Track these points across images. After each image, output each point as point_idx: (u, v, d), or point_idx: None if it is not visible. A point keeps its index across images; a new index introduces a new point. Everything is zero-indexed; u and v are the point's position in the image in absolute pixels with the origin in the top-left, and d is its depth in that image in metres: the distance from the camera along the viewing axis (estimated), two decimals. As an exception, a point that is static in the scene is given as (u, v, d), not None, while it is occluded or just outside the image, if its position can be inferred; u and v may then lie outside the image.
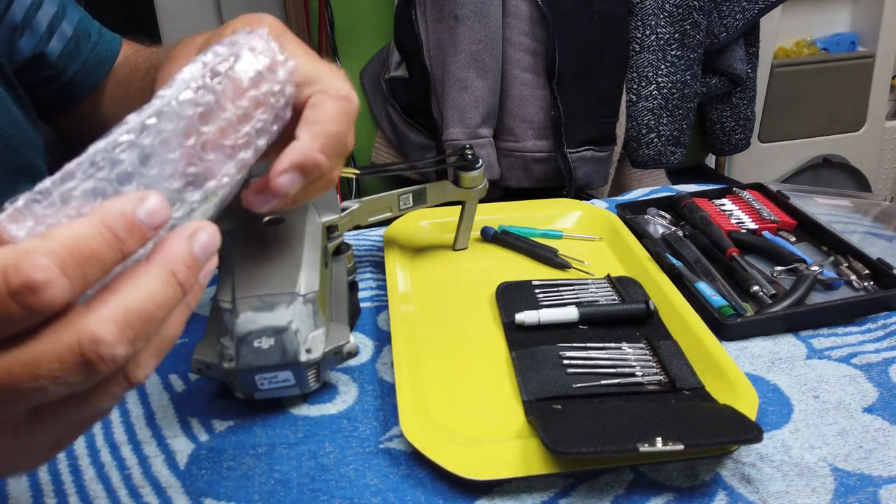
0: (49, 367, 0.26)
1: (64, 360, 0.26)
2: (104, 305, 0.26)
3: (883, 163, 2.00)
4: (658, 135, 1.27)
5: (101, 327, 0.26)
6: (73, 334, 0.26)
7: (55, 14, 0.67)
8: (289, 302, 0.48)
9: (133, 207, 0.27)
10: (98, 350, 0.26)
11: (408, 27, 1.14)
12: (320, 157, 0.41)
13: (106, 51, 0.72)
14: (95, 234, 0.26)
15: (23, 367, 0.26)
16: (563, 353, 0.55)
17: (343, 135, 0.42)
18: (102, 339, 0.26)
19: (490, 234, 0.74)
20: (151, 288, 0.27)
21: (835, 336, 0.59)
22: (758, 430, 0.43)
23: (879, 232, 0.76)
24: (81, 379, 0.26)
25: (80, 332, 0.26)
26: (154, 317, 0.27)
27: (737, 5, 1.29)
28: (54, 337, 0.26)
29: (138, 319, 0.27)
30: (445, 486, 0.45)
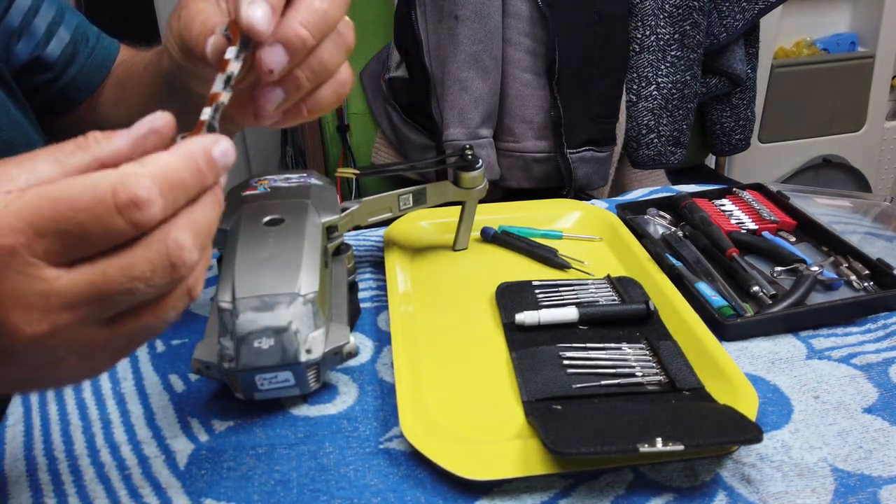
0: (142, 269, 0.29)
1: (154, 263, 0.29)
2: (180, 218, 0.30)
3: (883, 163, 2.00)
4: (658, 135, 1.27)
5: (182, 235, 0.30)
6: (161, 241, 0.29)
7: (53, 18, 0.68)
8: (289, 302, 0.48)
9: (211, 146, 0.31)
10: (182, 254, 0.30)
11: (408, 27, 1.14)
12: (301, 31, 0.38)
13: (104, 55, 0.72)
14: (183, 166, 0.30)
15: (119, 269, 0.29)
16: (563, 354, 0.55)
17: (330, 14, 0.39)
18: (184, 244, 0.30)
19: (490, 234, 0.74)
20: (207, 205, 0.31)
21: (835, 336, 0.59)
22: (758, 431, 0.43)
23: (879, 232, 0.76)
24: (166, 282, 0.30)
25: (166, 239, 0.29)
26: (212, 228, 0.32)
27: (737, 5, 1.29)
28: (146, 244, 0.29)
29: (204, 230, 0.31)
30: (445, 487, 0.45)
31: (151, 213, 0.28)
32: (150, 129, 0.31)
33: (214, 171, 0.31)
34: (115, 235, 0.29)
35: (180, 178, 0.30)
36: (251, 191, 0.58)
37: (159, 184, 0.29)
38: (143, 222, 0.28)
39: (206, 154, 0.31)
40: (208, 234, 0.32)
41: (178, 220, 0.30)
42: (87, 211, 0.28)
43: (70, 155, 0.31)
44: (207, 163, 0.31)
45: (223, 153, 0.32)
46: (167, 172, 0.29)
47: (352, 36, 0.42)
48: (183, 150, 0.30)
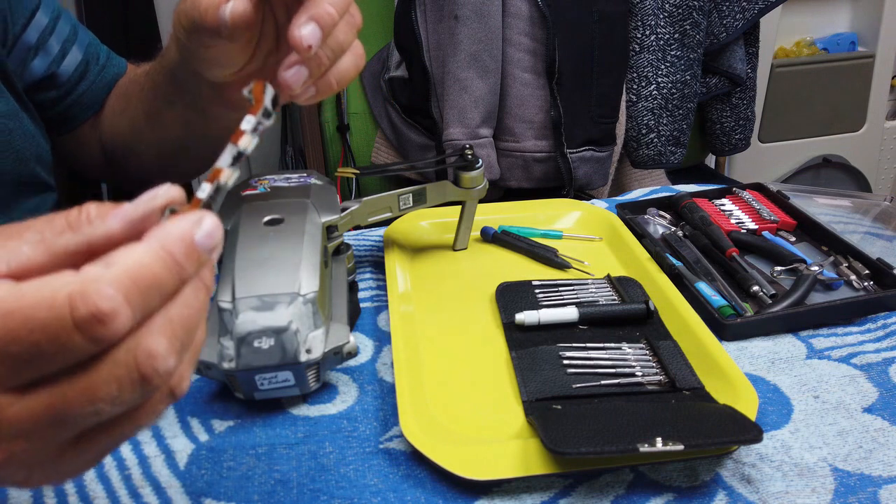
0: (107, 389, 0.25)
1: (122, 380, 0.25)
2: (152, 321, 0.26)
3: (883, 163, 2.00)
4: (658, 135, 1.27)
5: (155, 342, 0.26)
6: (129, 354, 0.25)
7: (67, 37, 0.69)
8: (289, 302, 0.48)
9: (191, 230, 0.27)
10: (154, 364, 0.26)
11: (408, 27, 1.14)
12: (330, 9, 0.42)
13: (113, 74, 0.74)
14: (156, 262, 0.26)
15: (80, 392, 0.25)
16: (563, 354, 0.55)
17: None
18: (157, 352, 0.26)
19: (490, 234, 0.74)
20: (189, 296, 0.27)
21: (835, 336, 0.59)
22: (758, 431, 0.43)
23: (879, 232, 0.76)
24: (137, 396, 0.26)
25: (135, 350, 0.26)
26: (194, 323, 0.28)
27: (737, 5, 1.29)
28: (112, 360, 0.25)
29: (182, 328, 0.27)
30: (445, 486, 0.45)
31: (115, 328, 0.24)
32: (148, 209, 0.28)
33: (195, 261, 0.27)
34: (75, 354, 0.25)
35: (152, 278, 0.26)
36: (251, 191, 0.58)
37: (126, 290, 0.25)
38: (107, 338, 0.25)
39: (185, 242, 0.27)
40: (190, 329, 0.27)
41: (151, 324, 0.26)
42: (41, 330, 0.24)
43: (59, 235, 0.27)
44: (186, 253, 0.27)
45: (207, 235, 0.27)
46: (136, 274, 0.25)
47: (359, 16, 0.46)
48: (156, 240, 0.26)
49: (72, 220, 0.27)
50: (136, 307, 0.25)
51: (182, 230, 0.27)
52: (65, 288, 0.24)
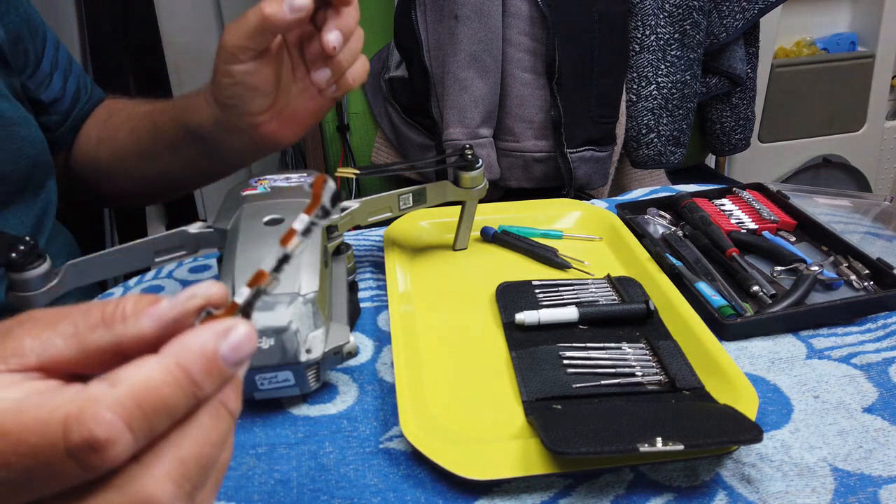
0: None
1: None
2: (158, 460, 0.23)
3: (883, 163, 2.00)
4: (658, 135, 1.27)
5: (157, 488, 0.23)
6: (125, 499, 0.23)
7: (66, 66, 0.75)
8: (289, 302, 0.48)
9: (215, 343, 0.24)
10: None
11: (408, 27, 1.14)
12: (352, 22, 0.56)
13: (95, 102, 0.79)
14: (168, 380, 0.23)
15: None
16: (563, 353, 0.55)
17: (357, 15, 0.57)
18: (160, 501, 0.23)
19: (490, 234, 0.74)
20: (206, 426, 0.24)
21: (835, 336, 0.59)
22: (758, 430, 0.43)
23: (879, 232, 0.76)
24: None
25: (133, 495, 0.23)
26: (211, 460, 0.25)
27: (737, 5, 1.29)
28: (105, 500, 0.23)
29: (195, 468, 0.24)
30: (445, 486, 0.45)
31: (112, 457, 0.22)
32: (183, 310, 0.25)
33: (217, 378, 0.24)
34: (66, 481, 0.23)
35: (161, 400, 0.23)
36: (251, 191, 0.58)
37: (128, 414, 0.22)
38: (102, 467, 0.22)
39: (205, 358, 0.24)
40: (204, 466, 0.24)
41: (157, 464, 0.23)
42: (32, 455, 0.22)
43: (92, 331, 0.25)
44: (205, 370, 0.24)
45: (233, 348, 0.24)
46: (142, 396, 0.23)
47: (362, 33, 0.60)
48: (172, 355, 0.23)
49: (106, 316, 0.26)
50: (139, 433, 0.23)
51: (203, 344, 0.24)
52: (62, 408, 0.22)
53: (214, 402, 0.25)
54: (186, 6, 1.71)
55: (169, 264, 0.70)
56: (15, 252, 0.49)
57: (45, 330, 0.26)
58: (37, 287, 0.51)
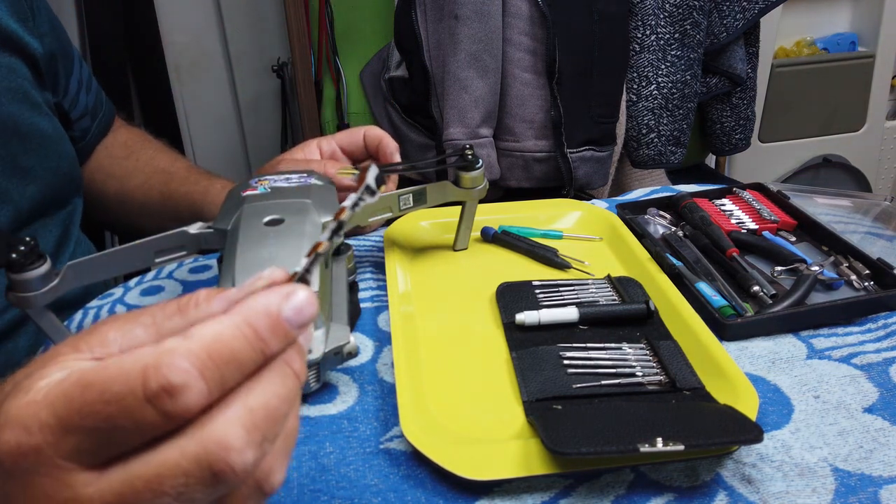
0: (173, 481, 0.23)
1: (190, 473, 0.23)
2: (229, 408, 0.24)
3: (883, 163, 2.00)
4: (658, 135, 1.27)
5: (227, 432, 0.24)
6: (197, 443, 0.24)
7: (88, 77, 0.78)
8: (289, 302, 0.47)
9: (279, 304, 0.25)
10: (228, 458, 0.23)
11: (408, 27, 1.14)
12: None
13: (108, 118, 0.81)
14: (237, 335, 0.24)
15: (145, 481, 0.24)
16: (564, 354, 0.55)
17: None
18: (231, 445, 0.24)
19: (490, 234, 0.74)
20: (273, 382, 0.25)
21: (835, 336, 0.59)
22: (758, 431, 0.43)
23: (879, 232, 0.76)
24: (209, 492, 0.24)
25: (205, 438, 0.24)
26: (279, 413, 0.25)
27: (737, 5, 1.29)
28: (178, 446, 0.24)
29: (265, 418, 0.25)
30: (445, 486, 0.45)
31: (186, 403, 0.23)
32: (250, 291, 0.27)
33: (282, 337, 0.25)
34: (146, 429, 0.24)
35: (231, 353, 0.24)
36: (251, 191, 0.58)
37: (201, 363, 0.24)
38: (177, 413, 0.23)
39: (270, 317, 0.25)
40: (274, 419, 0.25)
41: (227, 410, 0.24)
42: (115, 402, 0.23)
43: (169, 318, 0.27)
44: (271, 327, 0.25)
45: (296, 310, 0.26)
46: (213, 348, 0.24)
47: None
48: (239, 313, 0.25)
49: (182, 305, 0.27)
50: (211, 382, 0.24)
51: (268, 304, 0.25)
52: (141, 360, 0.24)
53: (280, 361, 0.26)
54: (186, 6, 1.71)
55: (169, 265, 0.70)
56: (15, 252, 0.49)
57: (127, 323, 0.27)
58: (37, 287, 0.51)
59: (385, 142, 0.67)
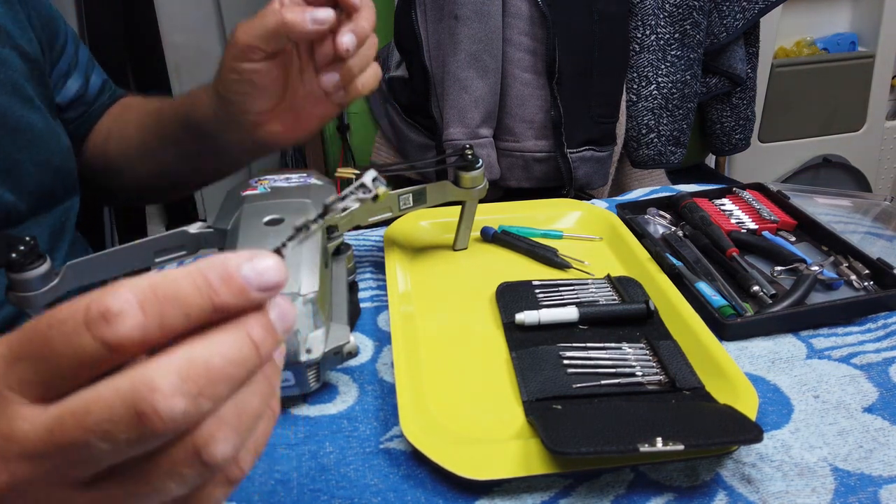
0: (98, 416, 0.23)
1: (115, 411, 0.23)
2: (167, 355, 0.24)
3: (883, 163, 2.00)
4: (658, 135, 1.27)
5: (158, 375, 0.23)
6: (128, 381, 0.23)
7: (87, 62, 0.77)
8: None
9: (237, 261, 0.25)
10: (153, 399, 0.22)
11: (408, 27, 1.14)
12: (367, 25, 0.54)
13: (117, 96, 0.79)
14: (187, 278, 0.24)
15: (73, 418, 0.23)
16: (563, 353, 0.55)
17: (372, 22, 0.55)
18: (159, 387, 0.23)
19: (490, 234, 0.74)
20: (221, 341, 0.24)
21: (835, 336, 0.59)
22: (758, 430, 0.43)
23: (879, 232, 0.76)
24: (133, 436, 0.23)
25: (136, 378, 0.23)
26: (223, 374, 0.24)
27: (737, 5, 1.29)
28: (112, 384, 0.23)
29: (204, 373, 0.23)
30: (445, 486, 0.45)
31: (121, 330, 0.23)
32: None
33: (236, 291, 0.24)
34: (85, 359, 0.23)
35: (174, 292, 0.24)
36: (251, 191, 0.58)
37: (142, 294, 0.23)
38: (112, 341, 0.23)
39: (225, 268, 0.24)
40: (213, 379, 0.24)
41: (166, 356, 0.23)
42: (57, 327, 0.23)
43: None
44: (224, 278, 0.24)
45: (256, 271, 0.25)
46: (158, 283, 0.24)
47: (375, 40, 0.58)
48: (195, 264, 0.25)
49: None
50: (150, 315, 0.23)
51: (224, 259, 0.25)
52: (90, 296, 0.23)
53: (236, 323, 0.25)
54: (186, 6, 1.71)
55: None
56: (15, 252, 0.49)
57: None
58: (37, 287, 0.51)
59: None
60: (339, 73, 0.55)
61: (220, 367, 0.24)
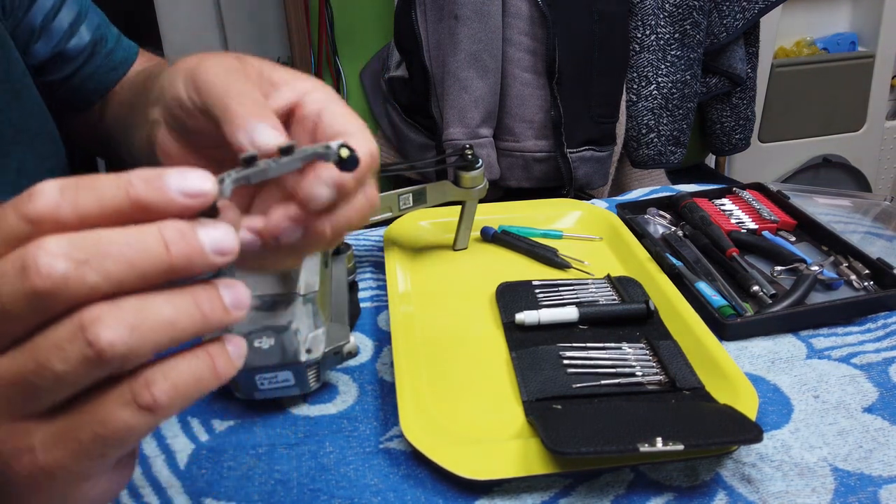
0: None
1: (3, 265, 0.24)
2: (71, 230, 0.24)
3: (883, 163, 2.00)
4: (658, 135, 1.27)
5: (49, 237, 0.24)
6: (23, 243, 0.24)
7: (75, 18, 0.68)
8: (289, 302, 0.48)
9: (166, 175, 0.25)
10: (36, 255, 0.23)
11: (408, 27, 1.14)
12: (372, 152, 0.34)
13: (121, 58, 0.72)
14: (109, 175, 0.25)
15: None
16: (563, 353, 0.55)
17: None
18: (45, 245, 0.23)
19: (490, 234, 0.74)
20: (127, 232, 0.24)
21: (835, 336, 0.59)
22: (758, 430, 0.43)
23: (879, 232, 0.76)
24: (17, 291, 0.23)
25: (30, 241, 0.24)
26: (117, 250, 0.24)
27: (737, 5, 1.29)
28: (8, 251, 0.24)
29: (95, 243, 0.24)
30: (445, 486, 0.45)
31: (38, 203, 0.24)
32: None
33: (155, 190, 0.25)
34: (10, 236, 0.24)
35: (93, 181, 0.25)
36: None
37: (64, 181, 0.24)
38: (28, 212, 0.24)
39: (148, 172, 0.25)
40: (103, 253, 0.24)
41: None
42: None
43: None
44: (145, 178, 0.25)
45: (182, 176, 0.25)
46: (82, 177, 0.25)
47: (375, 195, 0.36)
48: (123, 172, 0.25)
49: None
50: (65, 194, 0.24)
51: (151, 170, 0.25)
52: None
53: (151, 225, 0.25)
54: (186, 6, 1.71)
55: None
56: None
57: None
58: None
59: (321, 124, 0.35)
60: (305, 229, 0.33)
61: (113, 242, 0.24)
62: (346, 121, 0.34)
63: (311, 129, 0.35)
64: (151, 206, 0.25)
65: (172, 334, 0.25)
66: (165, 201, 0.25)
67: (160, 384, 0.26)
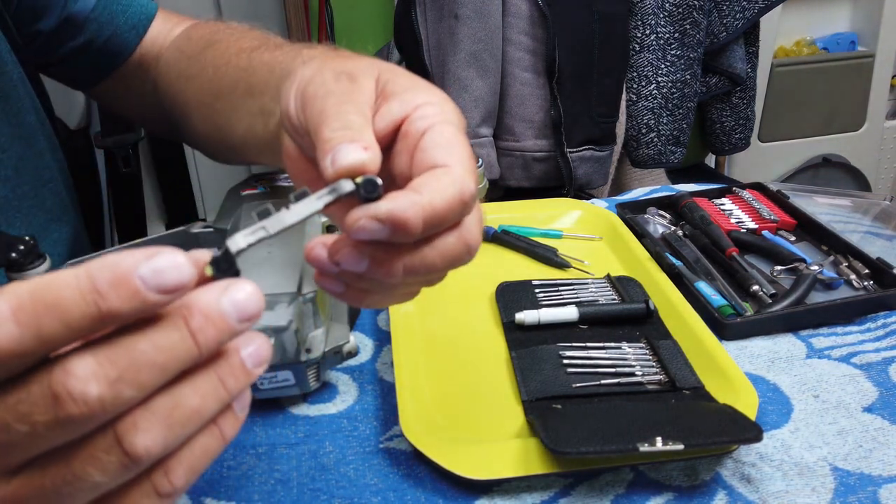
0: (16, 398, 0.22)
1: (32, 393, 0.22)
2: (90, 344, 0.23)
3: (883, 163, 2.00)
4: (658, 134, 1.27)
5: (74, 360, 0.22)
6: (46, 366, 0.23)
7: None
8: (289, 302, 0.48)
9: (134, 261, 0.22)
10: (66, 382, 0.22)
11: (408, 27, 1.14)
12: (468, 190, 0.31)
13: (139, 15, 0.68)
14: (70, 282, 0.22)
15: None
16: (563, 353, 0.55)
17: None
18: (73, 370, 0.22)
19: (490, 233, 0.74)
20: (151, 328, 0.23)
21: (835, 335, 0.59)
22: (758, 430, 0.43)
23: (879, 232, 0.76)
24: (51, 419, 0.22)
25: (54, 363, 0.22)
26: (147, 359, 0.23)
27: (737, 5, 1.29)
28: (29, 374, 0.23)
29: (126, 357, 0.22)
30: (445, 486, 0.45)
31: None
32: None
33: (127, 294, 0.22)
34: None
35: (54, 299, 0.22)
36: (251, 190, 0.58)
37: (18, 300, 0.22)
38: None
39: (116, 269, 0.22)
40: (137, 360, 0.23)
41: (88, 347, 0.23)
42: None
43: None
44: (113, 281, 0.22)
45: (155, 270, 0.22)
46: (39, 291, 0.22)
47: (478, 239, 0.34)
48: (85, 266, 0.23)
49: None
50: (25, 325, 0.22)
51: (118, 259, 0.22)
52: None
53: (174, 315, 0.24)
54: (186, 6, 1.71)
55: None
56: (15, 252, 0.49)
57: None
58: (37, 287, 0.50)
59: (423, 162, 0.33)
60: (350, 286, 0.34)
61: (144, 352, 0.23)
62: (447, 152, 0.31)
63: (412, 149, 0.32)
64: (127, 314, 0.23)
65: (201, 421, 0.25)
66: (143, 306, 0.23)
67: (177, 471, 0.25)
